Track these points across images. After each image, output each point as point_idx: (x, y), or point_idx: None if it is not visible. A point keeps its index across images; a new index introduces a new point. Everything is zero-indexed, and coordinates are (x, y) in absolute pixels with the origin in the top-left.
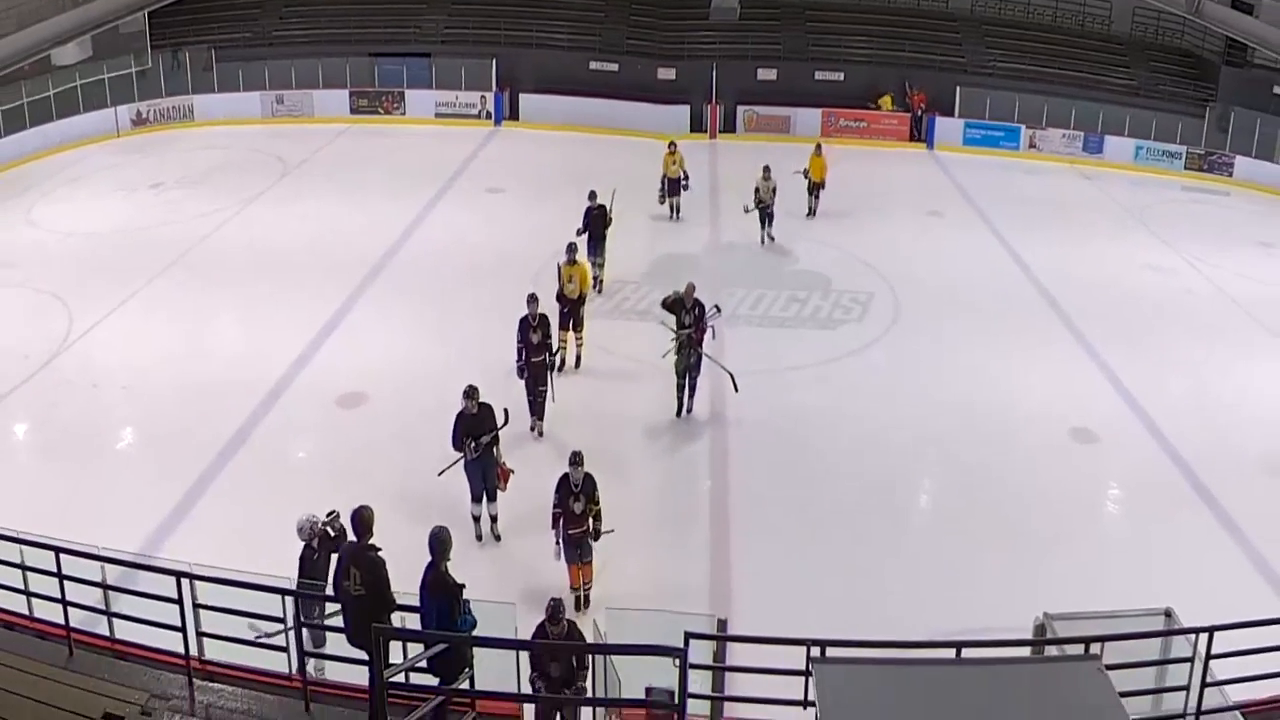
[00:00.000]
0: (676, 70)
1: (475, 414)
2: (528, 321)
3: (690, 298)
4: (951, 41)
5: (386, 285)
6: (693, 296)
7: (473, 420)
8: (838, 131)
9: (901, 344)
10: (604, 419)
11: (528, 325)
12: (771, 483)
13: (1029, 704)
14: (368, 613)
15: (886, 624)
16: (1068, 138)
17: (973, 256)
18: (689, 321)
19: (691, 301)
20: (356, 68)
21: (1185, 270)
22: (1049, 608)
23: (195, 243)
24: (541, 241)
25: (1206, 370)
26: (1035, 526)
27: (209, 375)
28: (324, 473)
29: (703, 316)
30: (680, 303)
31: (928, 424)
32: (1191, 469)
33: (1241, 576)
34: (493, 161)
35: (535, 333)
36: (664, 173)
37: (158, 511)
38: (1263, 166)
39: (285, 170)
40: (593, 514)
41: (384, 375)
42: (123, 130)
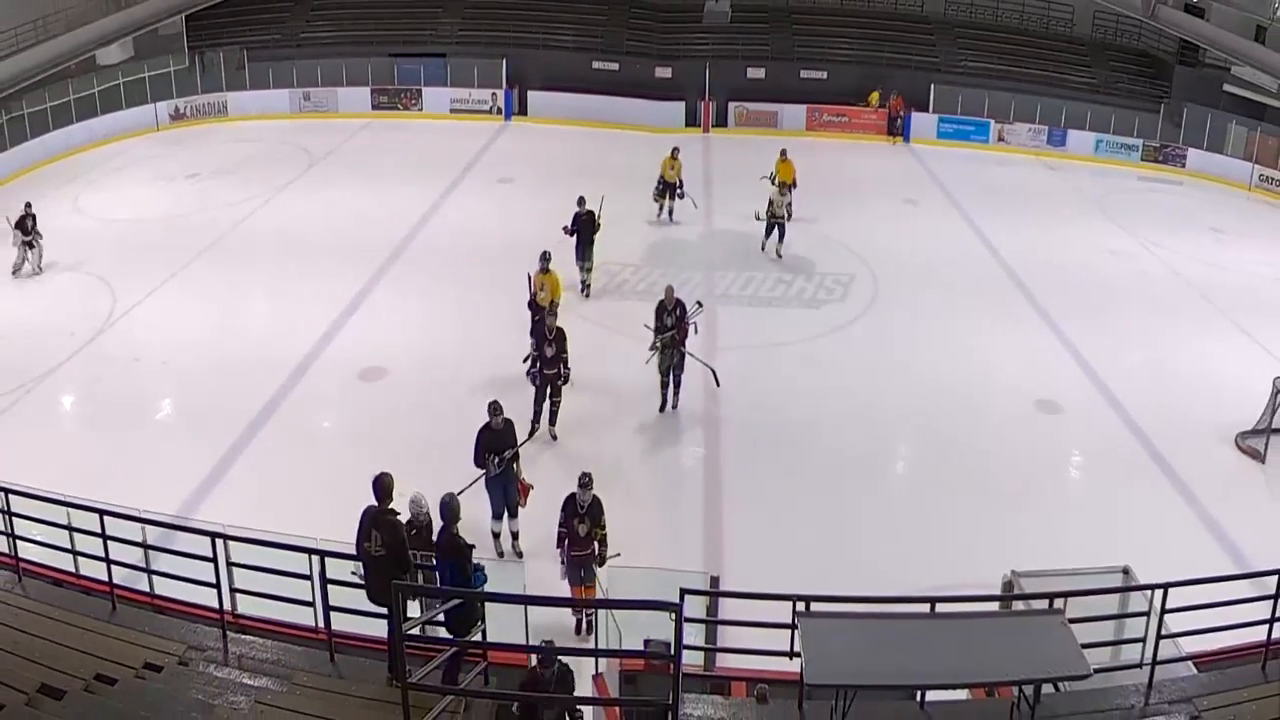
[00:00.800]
0: (673, 69)
1: (499, 430)
2: (543, 333)
3: (670, 299)
4: (926, 42)
5: (405, 268)
6: (673, 298)
7: (495, 436)
8: (821, 126)
9: (880, 322)
10: (603, 388)
11: (543, 338)
12: (760, 450)
13: (998, 654)
14: (387, 571)
15: (866, 580)
16: (1033, 131)
17: (946, 241)
18: (671, 323)
19: (673, 303)
20: (377, 67)
21: (1142, 254)
22: (1016, 565)
23: (229, 229)
24: (549, 227)
25: (1162, 346)
26: (1004, 490)
27: (241, 351)
28: (347, 441)
29: (684, 316)
30: (661, 306)
31: (905, 396)
32: (1148, 438)
33: (1194, 537)
34: (503, 154)
35: (550, 345)
36: (661, 174)
37: (194, 477)
38: (1213, 158)
39: (312, 162)
40: (598, 538)
41: (403, 351)
42: (162, 125)
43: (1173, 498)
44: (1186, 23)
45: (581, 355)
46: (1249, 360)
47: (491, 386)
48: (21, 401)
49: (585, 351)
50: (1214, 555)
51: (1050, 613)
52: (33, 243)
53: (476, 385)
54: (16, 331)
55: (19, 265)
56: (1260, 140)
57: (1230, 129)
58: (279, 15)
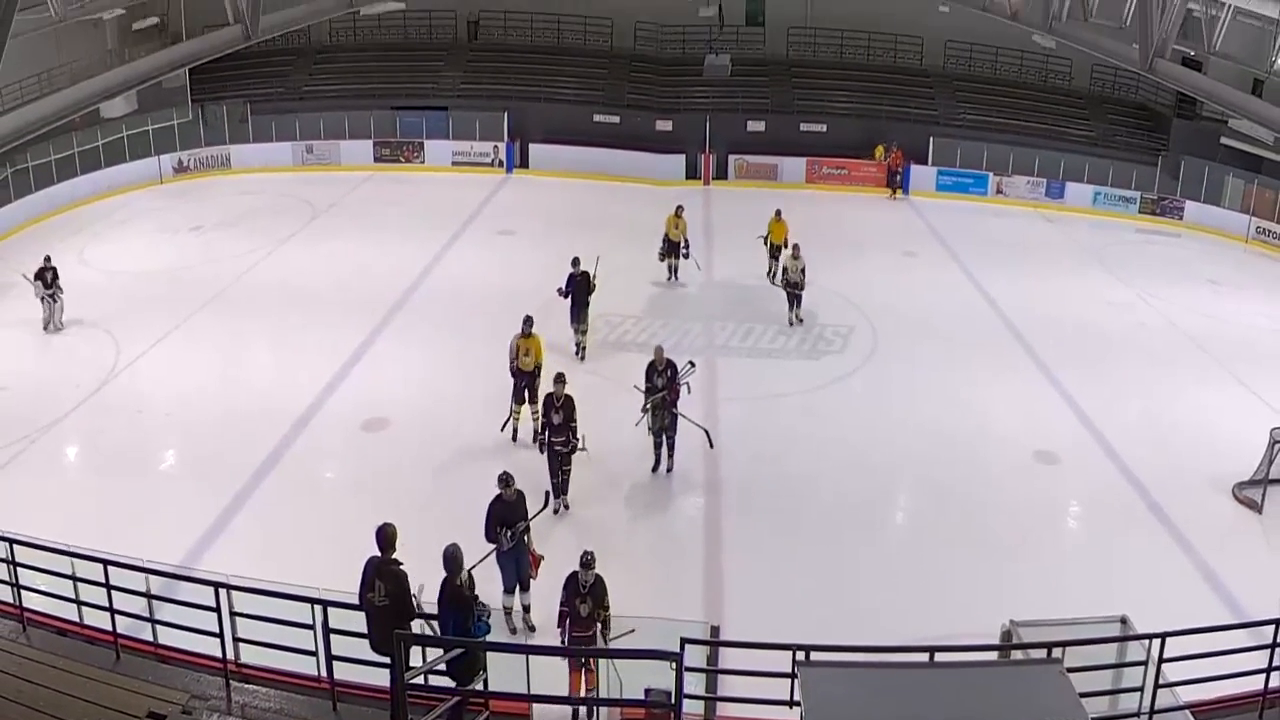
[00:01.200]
0: (673, 122)
1: (511, 502)
2: (551, 401)
3: (661, 359)
4: (925, 96)
5: (407, 319)
6: (663, 358)
7: (507, 508)
8: (821, 178)
9: (879, 373)
10: (604, 442)
11: (551, 405)
12: (760, 501)
13: (997, 704)
14: (390, 621)
15: (866, 630)
16: (1032, 184)
17: (945, 293)
18: (661, 384)
19: (663, 363)
20: (380, 120)
21: (1139, 305)
22: (1015, 615)
23: (232, 280)
24: (550, 279)
25: (1159, 397)
26: (1002, 540)
27: (244, 402)
28: (349, 492)
29: (675, 377)
30: (652, 366)
31: (904, 446)
32: (1146, 488)
33: (1191, 586)
34: (505, 206)
35: (558, 414)
36: (666, 232)
37: (197, 527)
38: (1210, 210)
39: (314, 214)
40: (601, 619)
41: (405, 402)
42: (165, 177)
43: (1170, 548)
44: (1184, 76)
45: (583, 410)
46: (1246, 411)
47: (492, 438)
48: (27, 452)
49: (586, 404)
50: (1211, 605)
51: (1049, 662)
52: (55, 296)
53: (478, 436)
54: (22, 382)
55: (48, 320)
56: (1257, 193)
57: (1227, 182)
58: (282, 69)
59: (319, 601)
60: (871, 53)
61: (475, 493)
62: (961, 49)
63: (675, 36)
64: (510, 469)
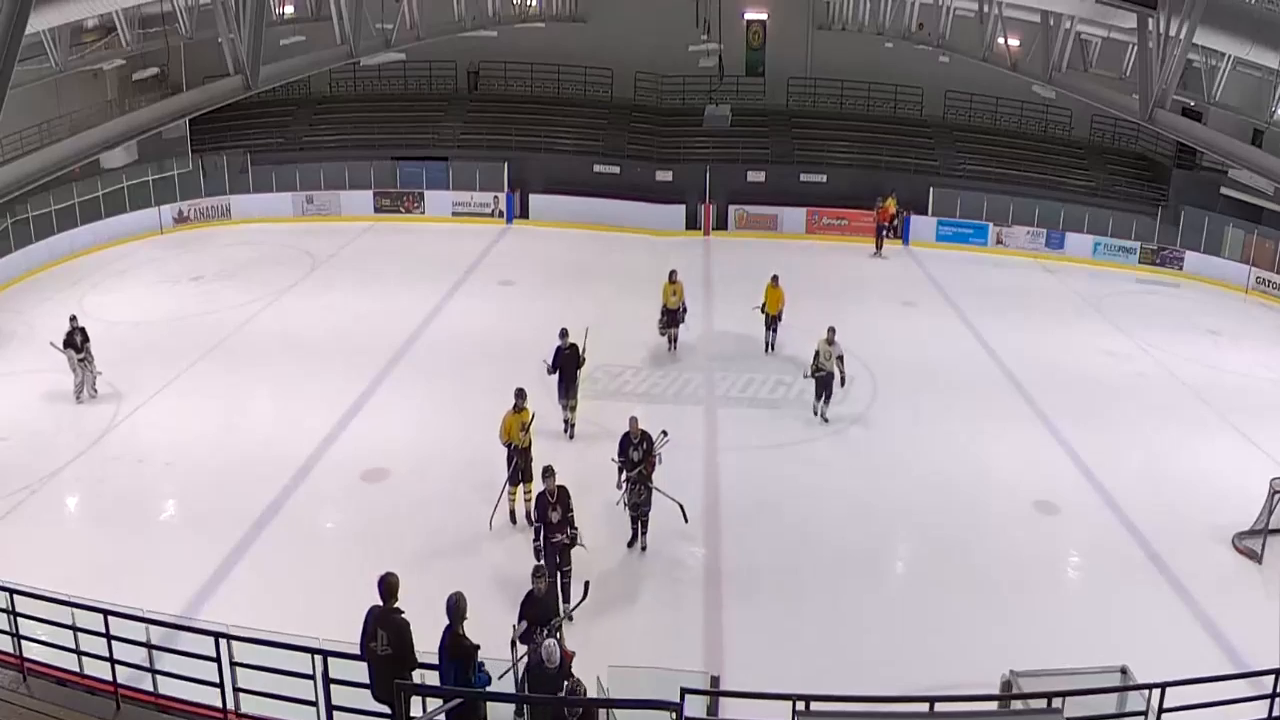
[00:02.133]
0: (673, 172)
1: (543, 597)
2: (545, 498)
3: (636, 431)
4: (925, 146)
5: (407, 369)
6: (638, 430)
7: (540, 605)
8: (821, 229)
9: (879, 422)
10: (596, 518)
11: (545, 502)
12: (759, 550)
13: None
14: (393, 671)
15: (866, 679)
16: (1032, 234)
17: (944, 342)
18: (638, 458)
19: (638, 435)
20: (380, 170)
21: (1139, 355)
22: (1014, 664)
23: (232, 331)
24: (550, 329)
25: (1158, 447)
26: (1002, 589)
27: (245, 452)
28: (350, 541)
29: (651, 449)
30: (626, 439)
31: (903, 495)
32: (1146, 538)
33: (1191, 637)
34: (505, 256)
35: (554, 510)
36: (664, 303)
37: (198, 576)
38: (1210, 261)
39: (314, 265)
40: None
41: (405, 452)
42: (166, 228)
43: (1170, 598)
44: (1184, 126)
45: (576, 496)
46: (1245, 461)
47: (492, 489)
48: (27, 502)
49: (578, 491)
50: (1211, 655)
51: (1049, 712)
52: (86, 362)
53: (477, 486)
54: (24, 431)
55: (80, 388)
56: (1257, 243)
57: (1227, 232)
58: (282, 119)
59: (319, 651)
60: (871, 103)
61: (474, 543)
62: (961, 99)
63: (675, 87)
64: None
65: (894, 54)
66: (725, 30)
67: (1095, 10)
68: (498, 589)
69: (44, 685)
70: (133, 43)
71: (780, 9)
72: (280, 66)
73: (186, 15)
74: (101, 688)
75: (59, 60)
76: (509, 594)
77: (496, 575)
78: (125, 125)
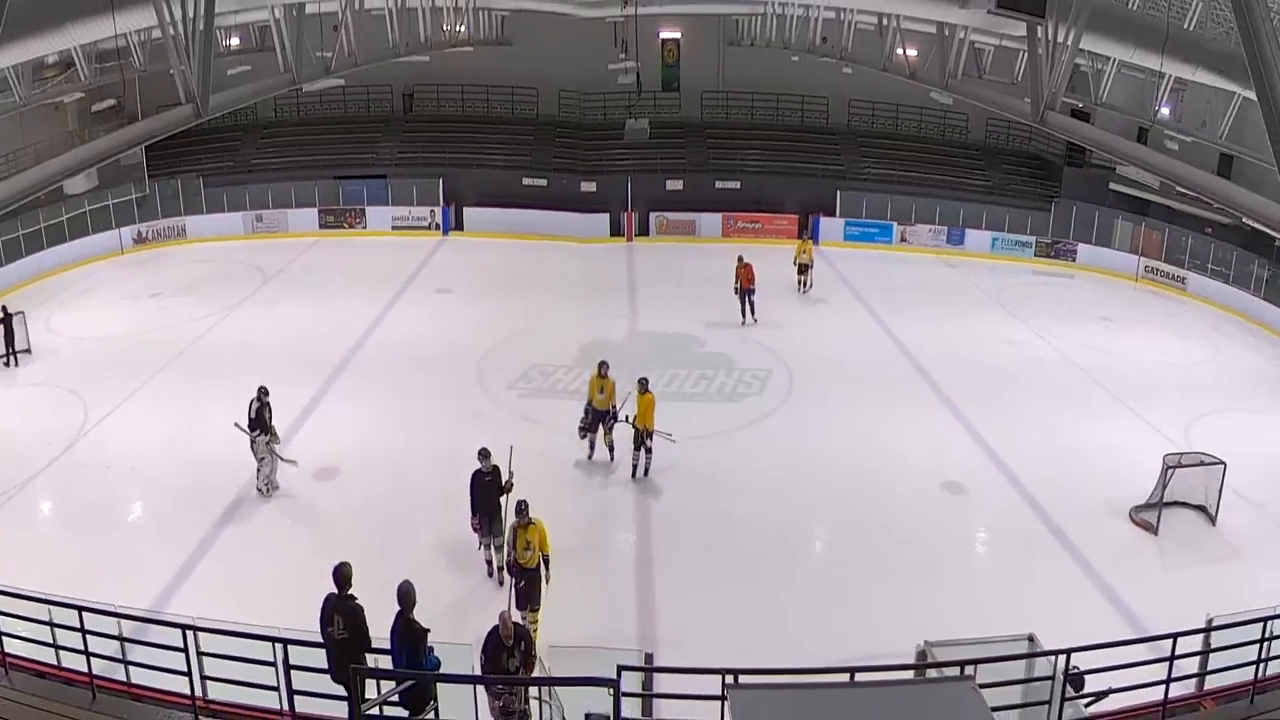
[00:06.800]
0: (597, 183)
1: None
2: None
3: (509, 633)
4: (832, 152)
5: (354, 375)
6: (510, 628)
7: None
8: (736, 232)
9: (796, 412)
10: (537, 482)
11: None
12: (687, 536)
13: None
14: (350, 654)
15: (790, 653)
16: (933, 232)
17: (855, 336)
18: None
19: (511, 637)
20: (323, 189)
21: (1037, 343)
22: (928, 635)
23: (190, 343)
24: (485, 334)
25: (1057, 428)
26: (915, 565)
27: (205, 456)
28: (305, 536)
29: (530, 650)
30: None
31: (821, 481)
32: (1048, 514)
33: (1093, 605)
34: (442, 266)
35: (512, 657)
36: (589, 398)
37: (165, 573)
38: (1101, 252)
39: (265, 279)
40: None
41: (354, 452)
42: (126, 248)
43: (1072, 569)
44: (1073, 127)
45: (520, 423)
46: (1139, 439)
47: (436, 481)
48: (4, 508)
49: (524, 421)
50: (1111, 620)
51: (962, 679)
52: (271, 446)
53: (422, 481)
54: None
55: (266, 483)
56: (1145, 234)
57: (1117, 225)
58: (231, 143)
59: (279, 640)
60: (780, 113)
61: (421, 534)
62: (864, 107)
63: (596, 103)
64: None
65: (800, 67)
66: (642, 49)
67: (987, 20)
68: (445, 577)
69: (24, 678)
70: (91, 76)
71: (693, 28)
72: (228, 95)
73: (140, 50)
74: (78, 679)
75: (22, 94)
76: (456, 580)
77: (443, 563)
78: (86, 154)
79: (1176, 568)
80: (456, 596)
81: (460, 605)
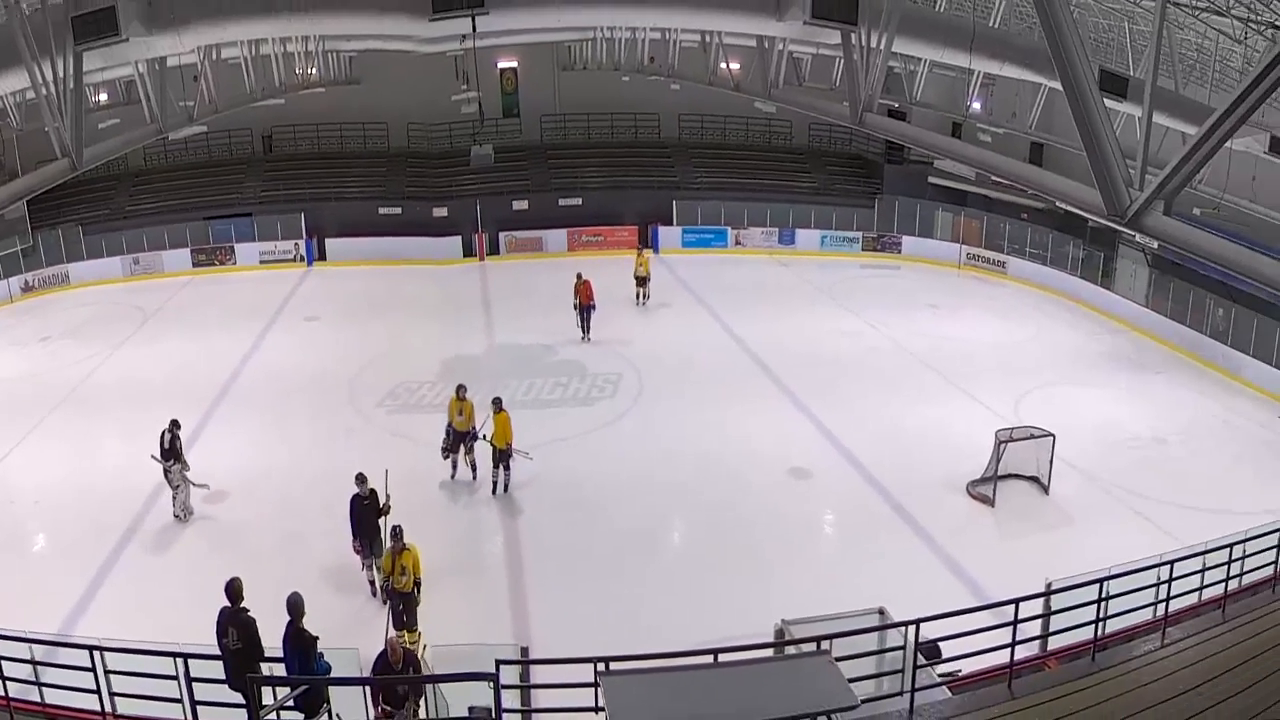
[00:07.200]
0: (448, 208)
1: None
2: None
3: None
4: (666, 165)
5: (233, 403)
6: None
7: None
8: (581, 246)
9: (648, 412)
10: (406, 503)
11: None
12: (552, 534)
13: (777, 694)
14: (245, 663)
15: (657, 639)
16: (766, 234)
17: (698, 337)
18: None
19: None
20: (194, 230)
21: (869, 332)
22: (785, 614)
23: (79, 382)
24: (352, 357)
25: (893, 411)
26: (769, 549)
27: (101, 486)
28: (199, 555)
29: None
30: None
31: (674, 474)
32: (890, 493)
33: (938, 576)
34: (308, 296)
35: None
36: (449, 419)
37: (70, 598)
38: (925, 243)
39: (145, 318)
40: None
41: (238, 474)
42: (15, 297)
43: (916, 543)
44: (891, 126)
45: (390, 439)
46: (971, 417)
47: (317, 496)
48: None
49: (392, 438)
50: (955, 590)
51: (819, 654)
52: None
53: (303, 496)
54: None
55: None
56: (965, 223)
57: (937, 216)
58: (106, 191)
59: (179, 655)
60: (615, 131)
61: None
62: (694, 120)
63: (442, 133)
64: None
65: (631, 86)
66: (482, 79)
67: (804, 31)
68: (330, 598)
69: None
70: None
71: (528, 56)
72: (101, 147)
73: (16, 110)
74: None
75: None
76: (341, 590)
77: (329, 584)
78: None
79: (1014, 536)
80: (341, 617)
81: (346, 627)
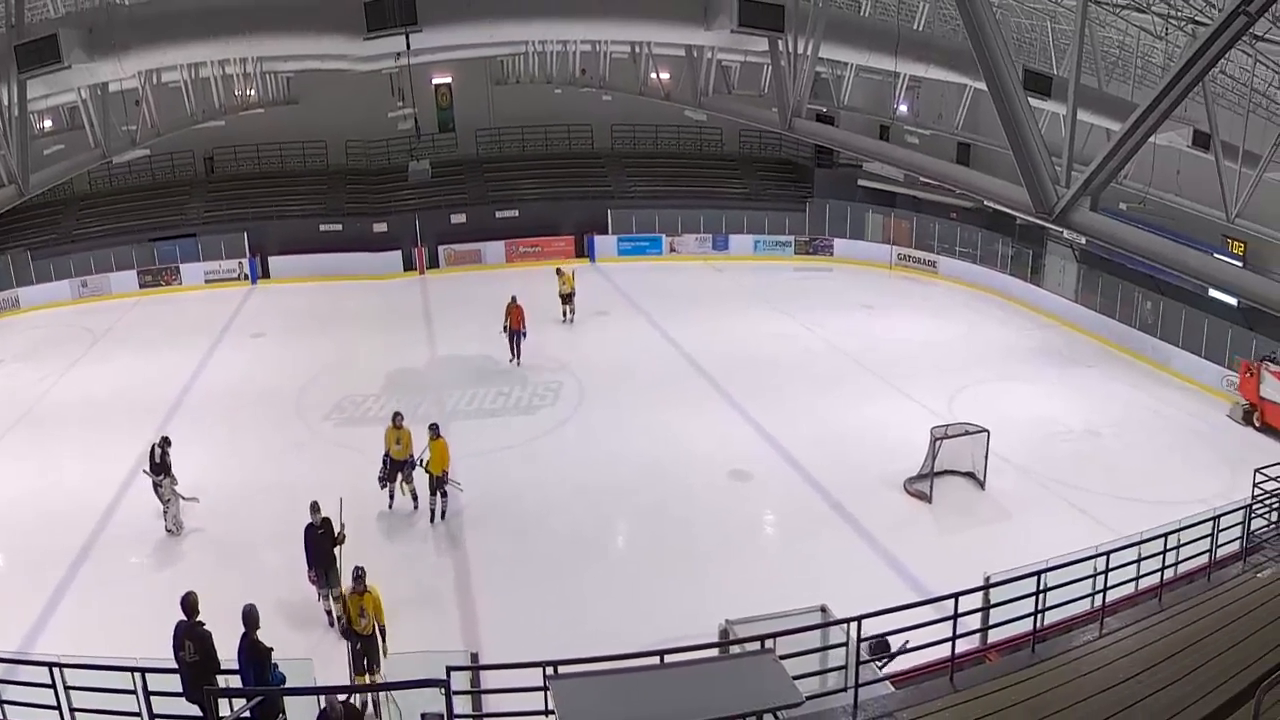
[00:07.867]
0: (388, 223)
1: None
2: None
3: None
4: (599, 175)
5: (183, 419)
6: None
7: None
8: (519, 257)
9: (589, 418)
10: (359, 512)
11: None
12: (499, 541)
13: (723, 693)
14: (201, 675)
15: (604, 642)
16: (700, 240)
17: (636, 343)
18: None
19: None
20: (140, 251)
21: (804, 334)
22: (729, 614)
23: (34, 403)
24: (298, 372)
25: (830, 411)
26: (711, 550)
27: (58, 505)
28: (154, 569)
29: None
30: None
31: (618, 480)
32: (828, 491)
33: (878, 572)
34: (253, 313)
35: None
36: (386, 449)
37: (29, 615)
38: (856, 245)
39: (95, 339)
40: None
41: (192, 488)
42: None
43: (855, 541)
44: (820, 131)
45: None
46: (907, 415)
47: (269, 509)
48: None
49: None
50: (895, 586)
51: (763, 653)
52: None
53: (257, 507)
54: None
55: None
56: (894, 224)
57: (868, 218)
58: (54, 217)
59: (136, 669)
60: (549, 143)
61: (260, 558)
62: (626, 130)
63: (380, 149)
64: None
65: (563, 99)
66: (418, 95)
67: (731, 39)
68: (285, 598)
69: None
70: None
71: (462, 72)
72: (47, 173)
73: None
74: None
75: None
76: (295, 602)
77: (282, 586)
78: None
79: (952, 531)
80: (298, 616)
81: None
